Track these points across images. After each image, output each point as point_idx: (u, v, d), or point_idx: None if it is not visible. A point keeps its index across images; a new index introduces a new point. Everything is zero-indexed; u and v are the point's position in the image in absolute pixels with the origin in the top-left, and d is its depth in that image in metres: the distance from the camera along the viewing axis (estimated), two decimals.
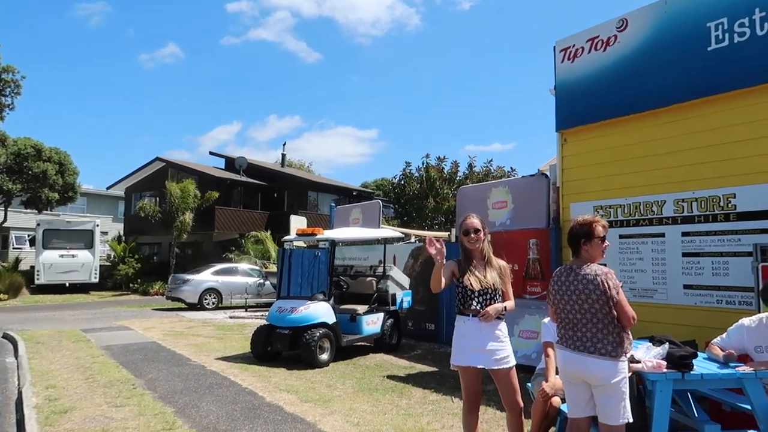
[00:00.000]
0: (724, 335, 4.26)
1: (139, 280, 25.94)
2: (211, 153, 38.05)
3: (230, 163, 32.63)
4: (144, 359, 8.68)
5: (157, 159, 30.46)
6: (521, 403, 3.92)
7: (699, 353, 4.14)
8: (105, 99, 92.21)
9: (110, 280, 26.84)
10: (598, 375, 3.32)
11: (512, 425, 3.89)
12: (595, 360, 3.32)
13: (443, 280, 3.81)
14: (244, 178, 30.17)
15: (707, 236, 6.23)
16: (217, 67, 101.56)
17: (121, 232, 32.28)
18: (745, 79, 5.94)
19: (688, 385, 3.75)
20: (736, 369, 3.80)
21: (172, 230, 25.35)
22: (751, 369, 3.75)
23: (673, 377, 3.57)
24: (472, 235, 3.93)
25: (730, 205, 6.05)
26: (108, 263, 28.70)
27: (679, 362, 3.63)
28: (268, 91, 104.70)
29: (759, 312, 4.18)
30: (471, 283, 3.82)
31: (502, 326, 3.91)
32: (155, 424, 5.29)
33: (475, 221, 3.96)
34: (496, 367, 3.84)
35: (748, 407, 3.80)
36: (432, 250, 3.70)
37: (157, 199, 27.24)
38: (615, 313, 3.34)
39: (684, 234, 6.42)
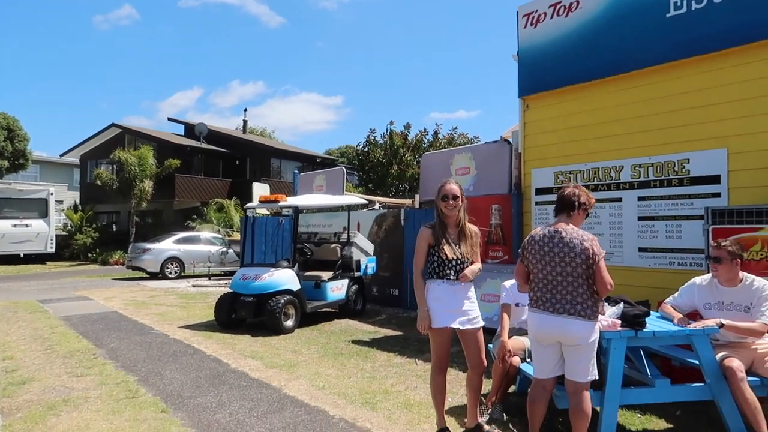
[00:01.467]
0: (676, 294, 4.44)
1: (97, 250, 25.33)
2: (169, 119, 36.80)
3: (190, 130, 31.80)
4: (105, 329, 8.54)
5: (113, 125, 29.45)
6: (485, 363, 4.00)
7: (652, 312, 4.31)
8: (56, 63, 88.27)
9: (67, 250, 26.12)
10: (577, 336, 3.42)
11: (474, 384, 3.97)
12: (575, 321, 3.41)
13: (423, 259, 3.91)
14: (204, 145, 29.50)
15: (662, 200, 6.42)
16: (175, 30, 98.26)
17: (78, 201, 31.31)
18: (700, 47, 6.05)
19: (640, 342, 3.91)
20: (686, 326, 3.97)
21: (131, 199, 24.74)
22: (700, 325, 3.92)
23: (627, 335, 3.71)
24: (450, 202, 3.88)
25: (684, 170, 6.23)
26: (65, 233, 27.88)
27: (632, 321, 3.77)
28: (229, 56, 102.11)
29: (709, 272, 4.37)
30: (446, 253, 3.82)
31: (472, 288, 3.96)
32: (118, 392, 5.24)
33: (454, 187, 3.92)
34: (468, 327, 3.87)
35: (696, 362, 3.99)
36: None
37: (114, 166, 26.42)
38: (594, 278, 3.44)
39: (640, 198, 6.61)
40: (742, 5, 5.74)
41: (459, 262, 3.85)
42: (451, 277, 3.82)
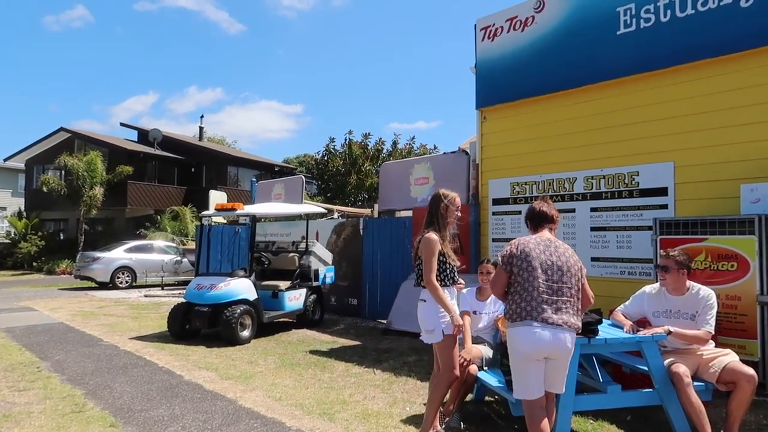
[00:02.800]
0: (627, 302, 4.58)
1: (43, 259, 24.35)
2: (122, 124, 36.04)
3: (144, 136, 31.00)
4: (50, 341, 8.19)
5: (62, 129, 28.44)
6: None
7: (604, 320, 4.43)
8: (3, 63, 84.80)
9: (10, 259, 25.03)
10: (570, 349, 3.32)
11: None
12: (571, 335, 3.32)
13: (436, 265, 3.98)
14: (159, 152, 28.80)
15: (613, 211, 6.62)
16: (130, 33, 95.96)
17: (23, 208, 30.04)
18: (648, 63, 6.31)
19: (593, 350, 4.00)
20: (635, 333, 4.10)
21: (80, 206, 23.89)
22: (649, 333, 4.05)
23: (580, 342, 3.79)
24: (460, 213, 4.09)
25: (633, 183, 6.46)
26: (7, 241, 26.72)
27: (585, 328, 3.85)
28: (187, 62, 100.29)
29: (657, 282, 4.52)
30: (453, 259, 4.02)
31: None
32: (63, 407, 5.02)
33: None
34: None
35: (645, 368, 4.12)
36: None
37: (63, 172, 25.49)
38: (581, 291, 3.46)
39: (592, 209, 6.80)
40: (687, 26, 6.02)
41: (454, 265, 4.07)
42: (454, 279, 4.03)
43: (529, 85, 7.45)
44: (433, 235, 3.94)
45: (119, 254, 17.46)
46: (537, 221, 3.67)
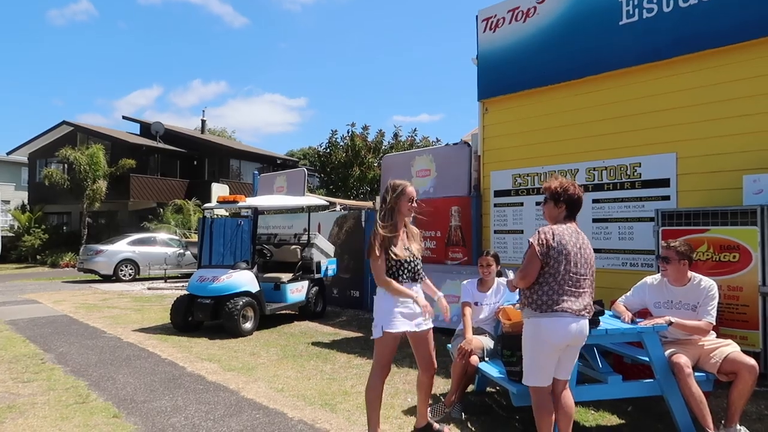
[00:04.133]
0: (628, 293, 4.57)
1: (47, 252, 24.45)
2: (124, 117, 36.02)
3: (146, 129, 31.01)
4: (54, 333, 8.24)
5: (64, 123, 28.46)
6: (436, 364, 3.94)
7: (605, 311, 4.43)
8: (7, 58, 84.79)
9: (14, 252, 25.14)
10: (586, 336, 3.40)
11: (425, 386, 3.95)
12: (587, 323, 3.39)
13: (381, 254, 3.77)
14: (161, 145, 28.82)
15: (615, 203, 6.61)
16: (134, 27, 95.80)
17: (26, 201, 30.13)
18: (650, 54, 6.28)
19: (594, 340, 4.00)
20: (637, 324, 4.10)
21: (83, 199, 23.94)
22: (650, 323, 4.05)
23: None
24: (414, 204, 3.86)
25: (635, 174, 6.44)
26: (11, 234, 26.81)
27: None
28: (191, 55, 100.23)
29: (659, 273, 4.52)
30: (400, 255, 3.76)
31: (421, 290, 3.93)
32: (67, 398, 5.05)
33: (413, 190, 3.90)
34: (423, 328, 3.83)
35: (646, 359, 4.12)
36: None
37: (65, 165, 25.52)
38: None
39: (594, 201, 6.78)
40: (689, 16, 5.98)
41: (412, 261, 3.81)
42: (407, 279, 3.77)
43: (531, 76, 7.41)
44: (374, 236, 3.76)
45: (122, 247, 17.51)
46: (575, 209, 3.53)
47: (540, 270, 3.36)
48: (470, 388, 4.94)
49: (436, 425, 4.09)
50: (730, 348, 4.05)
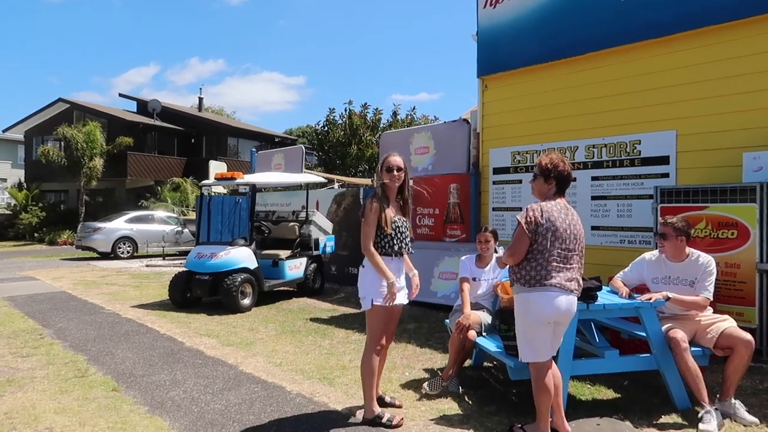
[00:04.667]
0: (626, 269, 4.58)
1: (44, 230, 24.42)
2: (121, 95, 35.80)
3: (143, 107, 30.77)
4: (52, 309, 8.26)
5: (60, 100, 28.22)
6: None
7: (603, 287, 4.44)
8: (3, 35, 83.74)
9: (12, 230, 25.11)
10: (574, 313, 3.47)
11: (385, 357, 4.09)
12: (576, 299, 3.44)
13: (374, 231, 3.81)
14: (158, 123, 28.61)
15: (614, 180, 6.58)
16: (131, 3, 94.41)
17: (23, 179, 30.00)
18: (652, 31, 6.19)
19: (592, 315, 4.02)
20: (634, 299, 4.11)
21: (80, 177, 23.83)
22: (648, 299, 4.05)
23: (579, 308, 3.80)
24: (395, 173, 3.83)
25: (635, 151, 6.40)
26: (8, 212, 26.74)
27: (585, 294, 3.86)
28: (188, 33, 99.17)
29: (657, 249, 4.52)
30: (386, 228, 3.77)
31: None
32: (66, 372, 5.08)
33: (398, 159, 3.88)
34: (403, 302, 3.94)
35: (643, 334, 4.14)
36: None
37: (62, 143, 25.36)
38: None
39: (593, 178, 6.76)
40: None
41: (401, 233, 3.85)
42: (397, 252, 3.82)
43: (532, 52, 7.32)
44: (369, 202, 3.82)
45: (120, 225, 17.49)
46: (564, 185, 3.51)
47: (529, 247, 3.37)
48: (467, 362, 4.97)
49: (388, 397, 4.18)
50: (727, 323, 4.07)
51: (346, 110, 26.07)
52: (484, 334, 4.61)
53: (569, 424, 3.55)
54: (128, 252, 17.32)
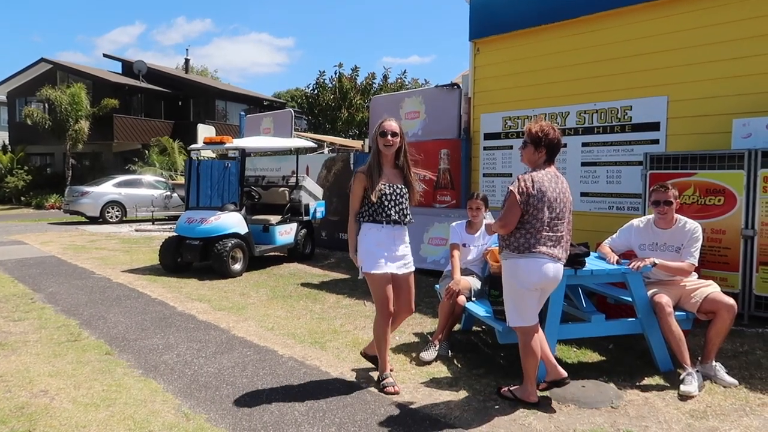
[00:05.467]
0: (614, 235, 4.63)
1: (31, 193, 24.18)
2: (105, 56, 35.01)
3: (128, 68, 30.15)
4: (42, 273, 8.25)
5: (43, 60, 27.55)
6: (414, 307, 4.05)
7: (591, 252, 4.50)
8: None
9: None
10: (560, 280, 3.54)
11: (396, 324, 4.12)
12: (562, 267, 3.51)
13: (358, 202, 3.83)
14: (144, 85, 28.11)
15: (604, 146, 6.61)
16: None
17: (7, 141, 29.51)
18: None
19: (580, 280, 4.09)
20: (622, 265, 4.17)
21: (66, 140, 23.48)
22: (636, 264, 4.11)
23: (567, 273, 3.85)
24: (389, 138, 3.73)
25: (626, 117, 6.41)
26: None
27: (572, 260, 3.91)
28: None
29: (645, 215, 4.57)
30: (372, 198, 3.72)
31: (407, 232, 3.93)
32: (59, 336, 5.11)
33: (393, 124, 3.78)
34: (404, 271, 3.87)
35: (629, 299, 4.22)
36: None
37: (46, 105, 24.87)
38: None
39: (584, 144, 6.77)
40: None
41: (397, 199, 3.77)
42: (392, 219, 3.75)
43: (524, 15, 7.23)
44: (357, 173, 3.82)
45: (108, 189, 17.33)
46: (554, 152, 3.51)
47: (520, 216, 3.40)
48: (456, 327, 5.05)
49: (389, 379, 3.90)
50: (711, 288, 4.15)
51: (336, 73, 25.73)
52: (473, 299, 4.67)
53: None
54: (117, 216, 17.22)
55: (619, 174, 6.50)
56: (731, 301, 3.98)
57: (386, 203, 3.76)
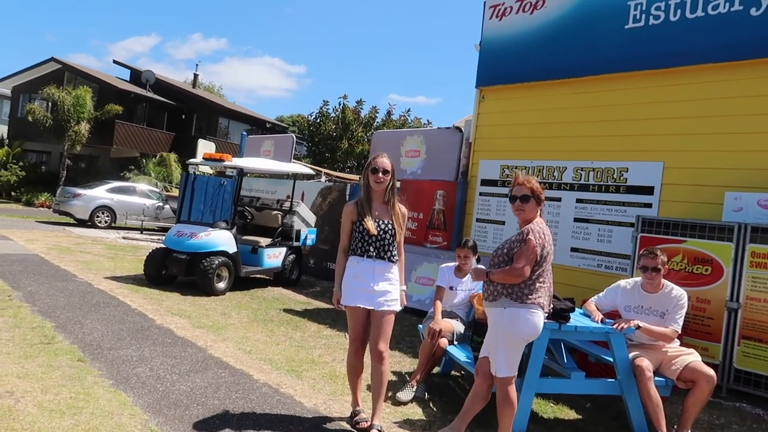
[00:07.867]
0: (601, 294, 4.65)
1: (22, 189, 24.00)
2: (115, 62, 35.09)
3: (136, 77, 30.35)
4: (23, 271, 8.13)
5: (53, 59, 27.71)
6: (385, 353, 3.75)
7: (576, 308, 4.51)
8: None
9: None
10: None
11: (375, 378, 3.78)
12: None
13: (347, 237, 3.84)
14: (150, 94, 28.27)
15: (598, 205, 6.68)
16: None
17: (5, 136, 29.43)
18: (651, 62, 6.30)
19: (563, 335, 4.08)
20: (606, 324, 4.18)
21: (65, 140, 23.45)
22: (620, 325, 4.10)
23: (551, 327, 3.86)
24: (380, 175, 3.70)
25: (622, 178, 6.50)
26: None
27: (558, 314, 3.92)
28: (194, 7, 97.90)
29: (633, 277, 4.60)
30: (369, 228, 3.68)
31: (395, 269, 3.82)
32: (32, 337, 5.01)
33: (385, 161, 3.76)
34: (378, 309, 3.71)
35: (610, 359, 4.21)
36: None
37: (49, 104, 24.92)
38: None
39: (578, 200, 6.85)
40: (694, 28, 5.99)
41: (381, 238, 3.71)
42: (372, 254, 3.70)
43: (532, 69, 7.39)
44: (347, 205, 3.85)
45: (101, 193, 17.24)
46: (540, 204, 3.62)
47: (534, 266, 3.45)
48: (435, 369, 5.01)
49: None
50: (692, 357, 4.15)
51: (340, 104, 26.01)
52: (455, 342, 4.65)
53: None
54: (106, 222, 17.09)
55: (610, 233, 6.56)
56: (711, 372, 3.98)
57: (367, 238, 3.72)
